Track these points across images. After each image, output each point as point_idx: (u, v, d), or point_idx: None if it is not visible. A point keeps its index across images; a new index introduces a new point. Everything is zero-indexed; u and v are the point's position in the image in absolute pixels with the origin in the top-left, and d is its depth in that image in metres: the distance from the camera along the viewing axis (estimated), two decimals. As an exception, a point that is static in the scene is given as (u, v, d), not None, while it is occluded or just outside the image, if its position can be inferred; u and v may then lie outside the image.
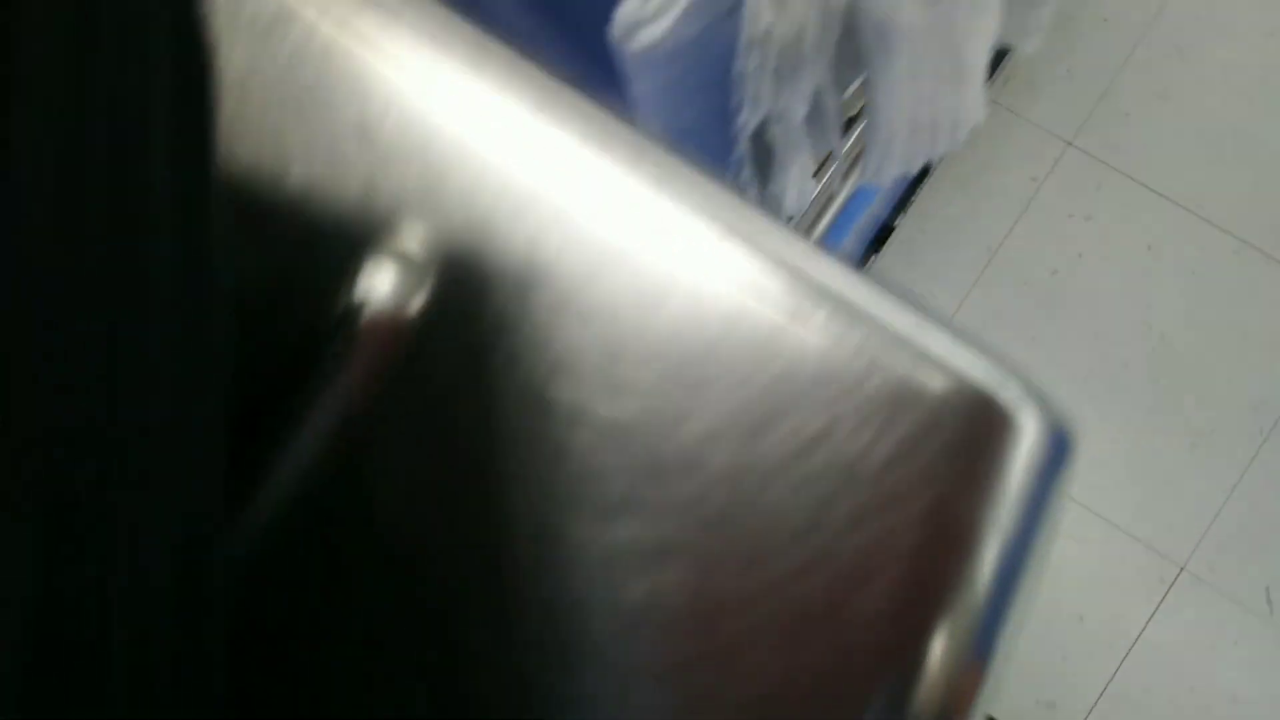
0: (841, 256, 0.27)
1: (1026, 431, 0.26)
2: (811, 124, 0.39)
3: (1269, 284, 1.25)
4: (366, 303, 0.28)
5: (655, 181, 0.28)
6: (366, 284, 0.28)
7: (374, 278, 0.28)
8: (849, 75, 0.37)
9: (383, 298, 0.28)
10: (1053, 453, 0.26)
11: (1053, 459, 0.26)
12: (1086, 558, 1.20)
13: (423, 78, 0.29)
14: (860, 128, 0.53)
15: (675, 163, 0.28)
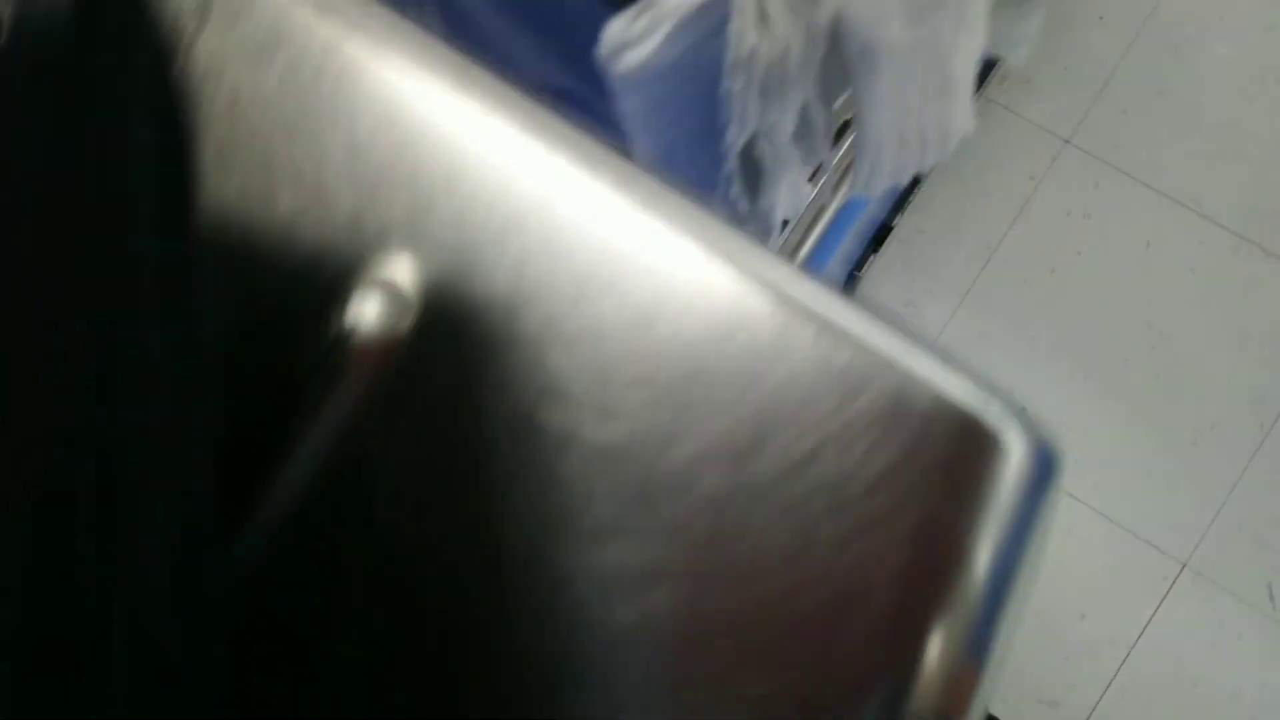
0: (827, 280, 0.27)
1: (1012, 451, 0.26)
2: (800, 138, 0.39)
3: (1268, 280, 1.25)
4: (356, 328, 0.29)
5: (642, 206, 0.28)
6: (356, 309, 0.29)
7: (363, 303, 0.29)
8: (836, 90, 0.37)
9: (372, 323, 0.28)
10: (1038, 471, 0.26)
11: (1039, 477, 0.26)
12: (1088, 556, 1.20)
13: (411, 103, 0.29)
14: (850, 138, 0.53)
15: (661, 187, 0.28)
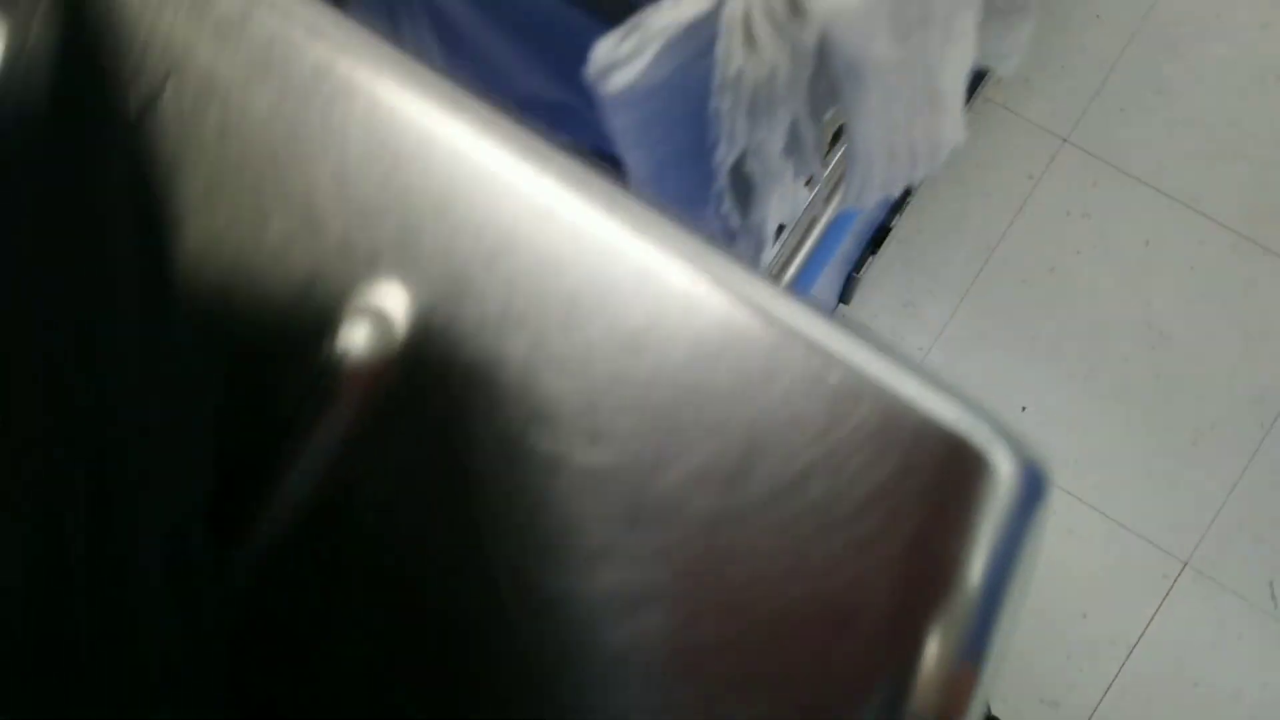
0: (815, 302, 0.27)
1: (1001, 471, 0.26)
2: (790, 153, 0.39)
3: (1267, 277, 1.25)
4: (347, 352, 0.29)
5: (631, 229, 0.28)
6: (346, 334, 0.29)
7: (354, 327, 0.29)
8: (825, 106, 0.37)
9: (362, 347, 0.29)
10: (1027, 490, 0.27)
11: (1027, 496, 0.27)
12: (1089, 555, 1.20)
13: (400, 128, 0.29)
14: (842, 148, 0.53)
15: (650, 210, 0.28)
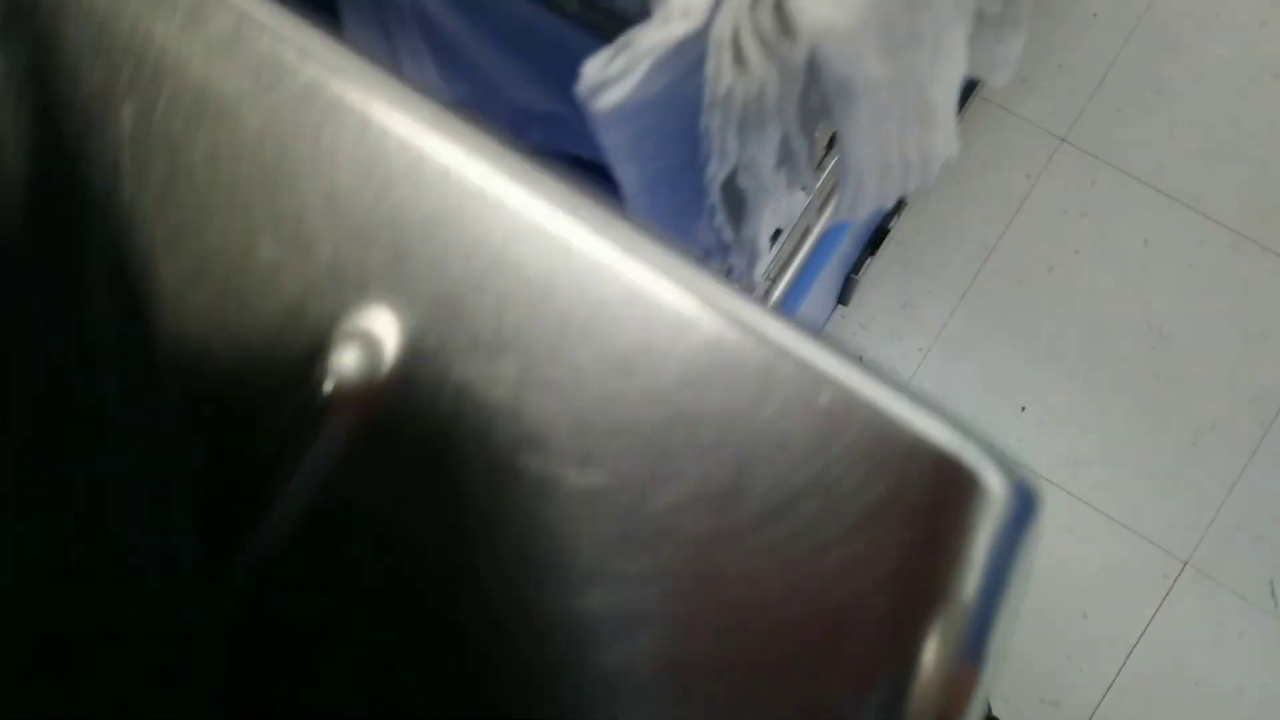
0: (804, 324, 0.27)
1: (992, 491, 0.26)
2: (782, 167, 0.39)
3: (1266, 276, 1.25)
4: (338, 375, 0.29)
5: (621, 251, 0.28)
6: (337, 357, 0.29)
7: (344, 350, 0.29)
8: (816, 121, 0.37)
9: (353, 370, 0.29)
10: (1018, 510, 0.27)
11: (1018, 516, 0.27)
12: (1089, 555, 1.20)
13: (390, 151, 0.29)
14: (836, 158, 0.53)
15: (641, 232, 0.28)
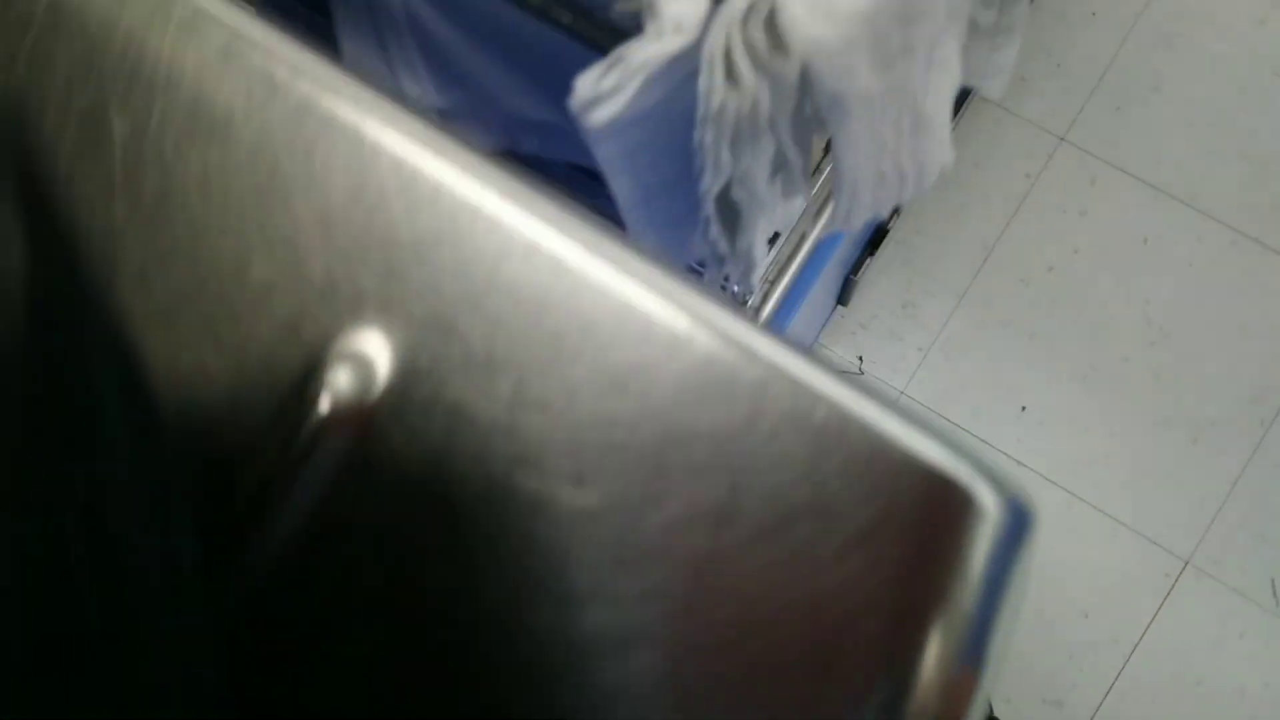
0: (797, 342, 0.27)
1: (986, 509, 0.26)
2: (776, 178, 0.39)
3: (1266, 274, 1.25)
4: (333, 395, 0.29)
5: (614, 269, 0.28)
6: (332, 377, 0.29)
7: (339, 370, 0.29)
8: (810, 133, 0.37)
9: (348, 390, 0.29)
10: (1012, 527, 0.27)
11: (1012, 533, 0.27)
12: (1090, 555, 1.20)
13: (382, 170, 0.29)
14: (829, 169, 0.53)
15: (633, 250, 0.28)
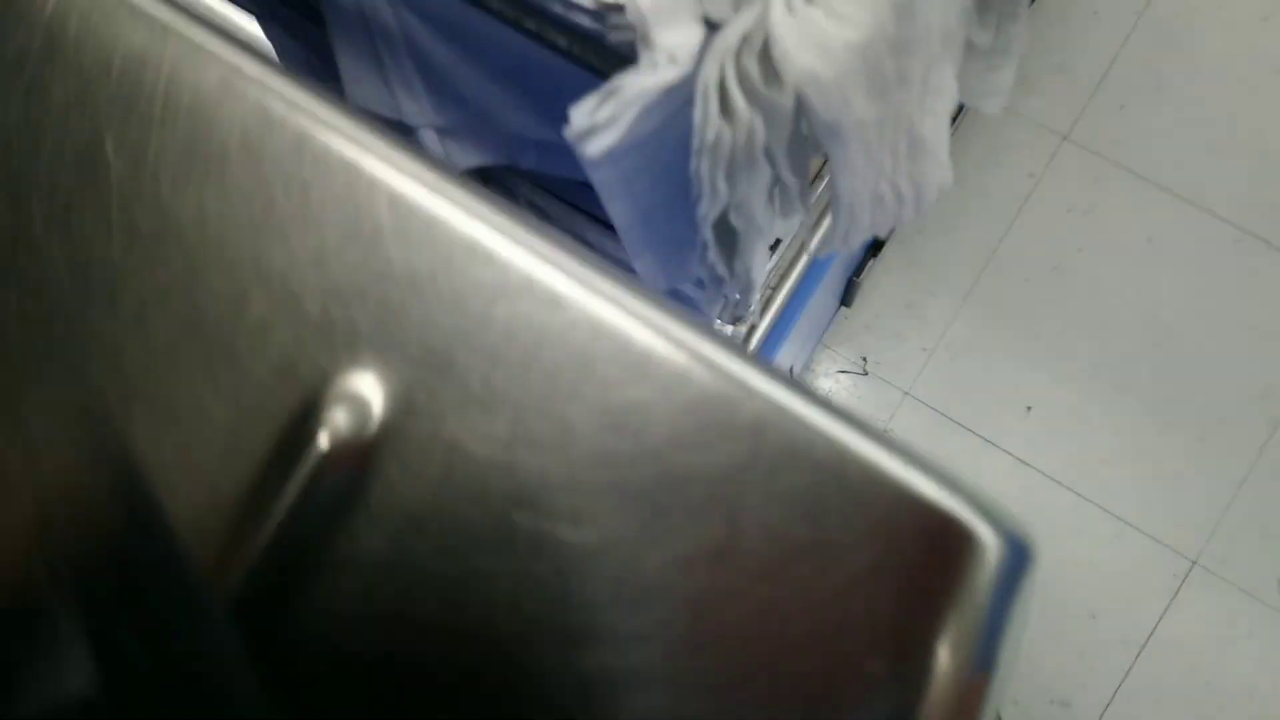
0: (795, 380, 0.27)
1: (985, 546, 0.26)
2: (774, 201, 0.39)
3: (1271, 272, 1.24)
4: (329, 433, 0.29)
5: (610, 305, 0.28)
6: (328, 414, 0.29)
7: (335, 408, 0.29)
8: (807, 157, 0.37)
9: (344, 428, 0.29)
10: (1012, 563, 0.26)
11: (1012, 570, 0.26)
12: (1097, 555, 1.20)
13: (378, 205, 0.29)
14: (827, 183, 0.53)
15: (630, 285, 0.28)
